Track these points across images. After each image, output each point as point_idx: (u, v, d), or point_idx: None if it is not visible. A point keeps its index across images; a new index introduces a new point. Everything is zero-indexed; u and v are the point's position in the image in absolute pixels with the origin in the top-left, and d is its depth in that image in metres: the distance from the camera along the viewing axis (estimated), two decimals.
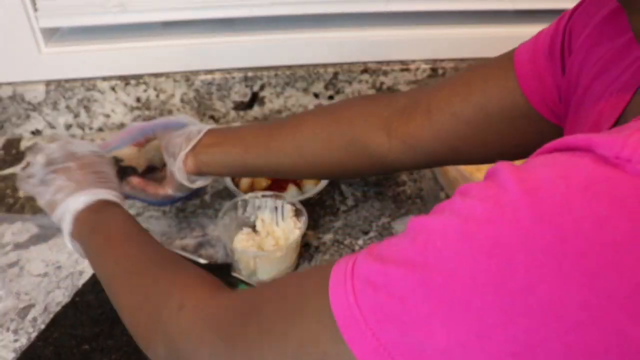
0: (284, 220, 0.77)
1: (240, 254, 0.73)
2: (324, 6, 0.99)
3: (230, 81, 1.03)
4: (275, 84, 1.04)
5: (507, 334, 0.26)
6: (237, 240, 0.75)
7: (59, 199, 0.61)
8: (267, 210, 0.78)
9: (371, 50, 1.05)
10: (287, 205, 0.77)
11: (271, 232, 0.76)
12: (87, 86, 1.00)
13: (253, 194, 0.78)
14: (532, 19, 1.07)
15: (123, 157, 0.72)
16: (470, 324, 0.27)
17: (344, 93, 1.07)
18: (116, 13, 0.94)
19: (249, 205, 0.78)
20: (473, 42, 1.06)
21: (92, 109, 1.03)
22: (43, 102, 1.00)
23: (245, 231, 0.76)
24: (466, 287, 0.27)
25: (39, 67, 0.98)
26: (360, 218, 0.86)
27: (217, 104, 1.05)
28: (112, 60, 1.00)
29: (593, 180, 0.26)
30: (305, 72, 1.04)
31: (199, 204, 0.88)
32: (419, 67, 1.06)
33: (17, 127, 1.03)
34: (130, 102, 1.03)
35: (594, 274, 0.25)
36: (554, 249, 0.25)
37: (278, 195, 0.78)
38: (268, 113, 1.08)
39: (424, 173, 0.95)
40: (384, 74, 1.06)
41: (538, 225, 0.26)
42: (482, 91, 0.56)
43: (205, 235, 0.82)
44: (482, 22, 1.07)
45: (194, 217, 0.86)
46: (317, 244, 0.81)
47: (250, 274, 0.74)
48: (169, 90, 1.02)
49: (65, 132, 1.05)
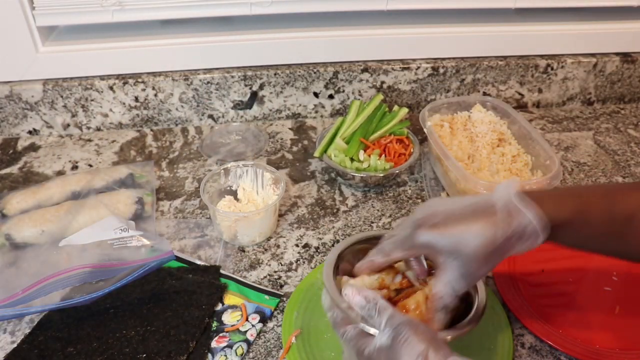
0: (264, 188, 0.84)
1: (222, 216, 0.77)
2: (324, 5, 0.99)
3: (230, 80, 1.02)
4: (274, 83, 1.04)
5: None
6: (219, 206, 0.80)
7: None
8: (247, 179, 0.84)
9: (371, 49, 1.05)
10: (267, 173, 0.83)
11: (252, 199, 0.83)
12: (84, 85, 0.99)
13: (235, 163, 0.84)
14: (533, 18, 1.07)
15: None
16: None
17: (344, 92, 1.07)
18: (114, 11, 0.94)
19: (230, 174, 0.84)
20: (473, 41, 1.06)
21: (90, 108, 1.02)
22: (40, 102, 1.00)
23: (227, 198, 0.82)
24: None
25: (36, 65, 0.97)
26: (361, 218, 0.85)
27: (216, 104, 1.05)
28: (110, 59, 0.99)
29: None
30: (305, 71, 1.03)
31: (197, 205, 0.87)
32: (420, 66, 1.05)
33: (14, 126, 1.02)
34: (128, 101, 1.02)
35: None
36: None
37: (258, 165, 0.84)
38: (268, 112, 1.07)
39: (425, 173, 0.94)
40: (385, 73, 1.05)
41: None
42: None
43: (204, 236, 0.82)
44: (482, 21, 1.07)
45: (193, 218, 0.85)
46: (317, 245, 0.80)
47: (232, 237, 0.79)
48: (167, 90, 1.02)
49: (62, 132, 1.04)
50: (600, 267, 0.77)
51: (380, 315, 0.48)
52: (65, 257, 0.72)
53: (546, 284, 0.75)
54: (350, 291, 0.51)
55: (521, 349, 0.67)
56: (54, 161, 0.97)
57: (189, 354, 0.63)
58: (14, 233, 0.77)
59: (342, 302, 0.52)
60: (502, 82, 1.10)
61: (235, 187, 0.85)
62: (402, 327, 0.47)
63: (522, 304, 0.71)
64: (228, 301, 0.71)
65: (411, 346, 0.45)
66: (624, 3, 1.07)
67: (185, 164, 0.97)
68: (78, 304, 0.65)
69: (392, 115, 0.96)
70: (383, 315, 0.48)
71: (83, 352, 0.63)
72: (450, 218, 0.51)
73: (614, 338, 0.67)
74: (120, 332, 0.65)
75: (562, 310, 0.71)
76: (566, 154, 1.01)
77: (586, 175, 0.96)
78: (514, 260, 0.77)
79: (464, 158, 0.87)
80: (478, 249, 0.50)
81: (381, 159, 0.89)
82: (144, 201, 0.83)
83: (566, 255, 0.80)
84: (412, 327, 0.46)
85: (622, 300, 0.72)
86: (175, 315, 0.67)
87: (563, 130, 1.08)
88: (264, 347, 0.66)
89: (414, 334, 0.46)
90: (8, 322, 0.69)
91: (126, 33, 1.00)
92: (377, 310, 0.49)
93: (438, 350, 0.44)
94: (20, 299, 0.65)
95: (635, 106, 1.17)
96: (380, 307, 0.49)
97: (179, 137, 1.04)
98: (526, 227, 0.50)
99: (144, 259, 0.70)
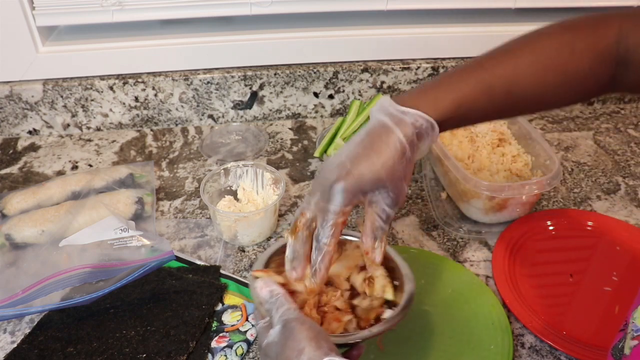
0: (264, 188, 0.84)
1: (222, 216, 0.77)
2: (324, 5, 0.99)
3: (230, 80, 1.02)
4: (274, 83, 1.04)
5: None
6: (219, 206, 0.80)
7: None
8: (247, 179, 0.84)
9: (371, 49, 1.05)
10: (267, 173, 0.83)
11: (252, 199, 0.83)
12: (84, 85, 0.99)
13: (235, 163, 0.83)
14: (533, 18, 1.07)
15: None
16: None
17: (344, 92, 1.07)
18: (114, 11, 0.94)
19: (230, 174, 0.84)
20: (474, 40, 1.06)
21: (90, 108, 1.02)
22: (40, 102, 1.00)
23: (227, 198, 0.82)
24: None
25: (36, 65, 0.97)
26: (361, 218, 0.85)
27: (216, 103, 1.05)
28: (110, 59, 0.99)
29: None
30: (305, 71, 1.03)
31: (197, 205, 0.87)
32: (420, 66, 1.05)
33: (14, 126, 1.02)
34: (128, 101, 1.02)
35: None
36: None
37: (258, 165, 0.84)
38: (268, 112, 1.07)
39: (425, 173, 0.94)
40: (385, 73, 1.05)
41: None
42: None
43: (205, 236, 0.82)
44: (482, 21, 1.07)
45: (193, 218, 0.85)
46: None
47: (232, 237, 0.79)
48: (167, 89, 1.02)
49: (62, 132, 1.04)
50: (600, 267, 0.77)
51: (276, 310, 0.48)
52: (65, 257, 0.72)
53: (546, 284, 0.75)
54: (259, 283, 0.51)
55: (521, 349, 0.67)
56: (54, 161, 0.97)
57: (189, 354, 0.63)
58: (14, 233, 0.77)
59: (256, 297, 0.52)
60: None
61: (235, 187, 0.85)
62: (289, 323, 0.47)
63: (522, 304, 0.71)
64: (228, 301, 0.71)
65: (295, 342, 0.45)
66: (623, 3, 1.07)
67: (185, 164, 0.97)
68: (78, 304, 0.65)
69: None
70: (279, 311, 0.48)
71: (83, 352, 0.63)
72: (357, 159, 0.52)
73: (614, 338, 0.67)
74: (120, 332, 0.65)
75: (562, 310, 0.71)
76: (566, 154, 1.01)
77: (586, 175, 0.96)
78: (514, 260, 0.77)
79: (464, 158, 0.87)
80: (394, 171, 0.52)
81: None
82: (144, 201, 0.83)
83: (566, 256, 0.80)
84: (298, 323, 0.46)
85: (622, 300, 0.72)
86: (175, 315, 0.67)
87: (563, 130, 1.08)
88: None
89: (299, 331, 0.46)
90: (8, 322, 0.69)
91: (126, 33, 1.00)
92: (276, 305, 0.49)
93: (318, 348, 0.44)
94: (20, 299, 0.65)
95: (635, 106, 1.17)
96: (279, 302, 0.49)
97: (179, 137, 1.04)
98: (421, 127, 0.53)
99: (144, 259, 0.70)
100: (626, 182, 0.94)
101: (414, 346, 0.66)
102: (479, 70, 0.55)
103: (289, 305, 0.49)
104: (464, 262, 0.78)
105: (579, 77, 0.56)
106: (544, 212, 0.86)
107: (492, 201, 0.80)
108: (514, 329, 0.69)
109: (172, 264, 0.74)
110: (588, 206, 0.89)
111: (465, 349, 0.66)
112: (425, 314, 0.70)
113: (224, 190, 0.84)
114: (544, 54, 0.55)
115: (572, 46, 0.55)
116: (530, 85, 0.56)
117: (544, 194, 0.90)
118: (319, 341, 0.45)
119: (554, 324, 0.68)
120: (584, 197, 0.91)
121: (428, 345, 0.66)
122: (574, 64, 0.55)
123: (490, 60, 0.56)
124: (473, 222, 0.84)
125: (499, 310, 0.69)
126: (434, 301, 0.71)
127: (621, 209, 0.88)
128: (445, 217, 0.86)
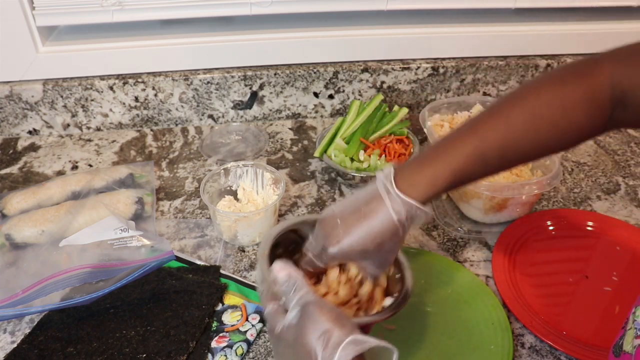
0: (264, 188, 0.84)
1: (222, 216, 0.77)
2: (324, 5, 0.99)
3: (230, 80, 1.02)
4: (274, 83, 1.04)
5: None
6: (219, 206, 0.80)
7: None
8: (247, 179, 0.84)
9: (371, 49, 1.05)
10: (267, 173, 0.83)
11: (252, 199, 0.83)
12: (84, 85, 0.99)
13: (235, 163, 0.83)
14: (533, 18, 1.07)
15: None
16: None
17: (344, 92, 1.07)
18: (114, 11, 0.94)
19: (230, 174, 0.84)
20: (473, 41, 1.06)
21: (90, 108, 1.02)
22: (40, 102, 1.00)
23: (227, 198, 0.82)
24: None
25: (36, 65, 0.97)
26: None
27: (216, 103, 1.05)
28: (110, 59, 0.99)
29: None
30: (305, 71, 1.03)
31: (197, 205, 0.87)
32: (420, 66, 1.05)
33: (14, 126, 1.02)
34: (128, 101, 1.02)
35: None
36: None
37: (258, 165, 0.84)
38: (268, 112, 1.07)
39: None
40: (385, 73, 1.05)
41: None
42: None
43: (205, 236, 0.82)
44: (482, 21, 1.07)
45: (193, 218, 0.85)
46: None
47: (232, 237, 0.79)
48: (167, 89, 1.02)
49: (62, 132, 1.04)
50: (600, 267, 0.77)
51: (295, 293, 0.49)
52: (65, 257, 0.72)
53: (546, 284, 0.75)
54: (277, 266, 0.52)
55: (521, 349, 0.67)
56: (54, 161, 0.97)
57: (189, 354, 0.63)
58: (14, 233, 0.77)
59: (270, 276, 0.52)
60: (502, 82, 1.10)
61: (235, 187, 0.85)
62: (309, 306, 0.47)
63: (522, 304, 0.71)
64: (228, 301, 0.71)
65: (318, 324, 0.46)
66: (624, 3, 1.07)
67: (185, 164, 0.97)
68: (78, 304, 0.65)
69: (392, 115, 0.96)
70: (297, 293, 0.49)
71: (83, 352, 0.63)
72: (349, 228, 0.54)
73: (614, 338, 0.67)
74: (120, 332, 0.65)
75: (562, 310, 0.71)
76: (566, 154, 1.01)
77: (586, 175, 0.96)
78: (514, 260, 0.77)
79: None
80: (383, 247, 0.55)
81: (381, 159, 0.89)
82: (144, 201, 0.83)
83: (566, 256, 0.80)
84: (318, 306, 0.47)
85: (622, 300, 0.72)
86: (175, 315, 0.67)
87: None
88: (264, 347, 0.66)
89: (320, 313, 0.47)
90: (8, 322, 0.69)
91: (126, 33, 1.00)
92: (294, 288, 0.49)
93: (342, 328, 0.45)
94: (20, 299, 0.65)
95: None
96: (297, 285, 0.49)
97: (179, 137, 1.04)
98: (415, 214, 0.54)
99: (144, 259, 0.70)
100: (626, 182, 0.94)
101: (413, 346, 0.66)
102: (472, 137, 0.56)
103: (307, 288, 0.49)
104: (464, 262, 0.78)
105: (573, 127, 0.56)
106: (544, 212, 0.86)
107: (492, 201, 0.80)
108: (514, 329, 0.69)
109: (172, 264, 0.74)
110: (588, 206, 0.89)
111: (465, 349, 0.66)
112: (425, 314, 0.70)
113: (224, 190, 0.84)
114: (535, 112, 0.55)
115: (562, 100, 0.55)
116: (524, 144, 0.56)
117: (543, 194, 0.90)
118: (342, 321, 0.46)
119: (554, 324, 0.68)
120: (584, 197, 0.91)
121: (428, 345, 0.66)
122: (566, 118, 0.55)
123: (483, 125, 0.56)
124: (473, 222, 0.84)
125: (499, 310, 0.69)
126: (434, 301, 0.71)
127: (621, 209, 0.88)
128: (445, 217, 0.86)
